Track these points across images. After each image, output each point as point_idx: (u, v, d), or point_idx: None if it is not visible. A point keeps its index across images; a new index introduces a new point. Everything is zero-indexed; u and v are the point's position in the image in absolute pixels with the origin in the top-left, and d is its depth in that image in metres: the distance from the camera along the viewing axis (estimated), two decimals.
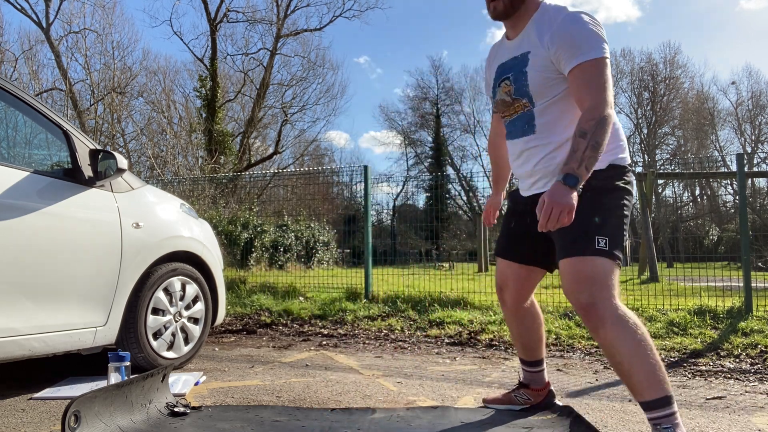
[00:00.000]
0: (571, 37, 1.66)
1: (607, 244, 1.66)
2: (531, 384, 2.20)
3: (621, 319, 1.61)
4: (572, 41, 1.66)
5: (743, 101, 33.02)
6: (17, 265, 2.25)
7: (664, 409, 1.57)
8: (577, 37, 1.65)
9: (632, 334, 1.60)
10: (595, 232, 1.67)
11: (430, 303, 5.16)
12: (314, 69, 26.03)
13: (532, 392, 2.19)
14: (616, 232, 1.70)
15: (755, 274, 5.67)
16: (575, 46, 1.65)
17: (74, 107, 17.54)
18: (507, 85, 1.84)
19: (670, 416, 1.57)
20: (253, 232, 9.76)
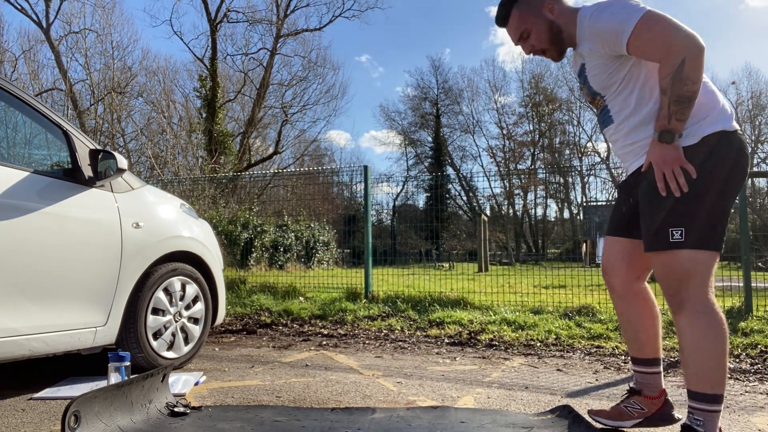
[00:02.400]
0: (606, 28, 1.70)
1: (683, 235, 1.61)
2: (644, 390, 1.92)
3: (697, 312, 1.62)
4: (609, 30, 1.69)
5: (743, 101, 33.03)
6: (17, 265, 2.25)
7: (706, 405, 1.61)
8: (610, 23, 1.69)
9: (703, 329, 1.61)
10: (670, 223, 1.64)
11: (430, 303, 5.16)
12: (314, 69, 26.08)
13: (645, 401, 1.91)
14: (695, 217, 1.62)
15: (755, 274, 5.66)
16: (613, 31, 1.68)
17: (74, 107, 17.54)
18: (584, 88, 1.94)
19: (707, 412, 1.61)
20: (253, 232, 9.77)
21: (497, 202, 35.80)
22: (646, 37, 1.63)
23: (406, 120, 40.18)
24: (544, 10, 1.86)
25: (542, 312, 4.75)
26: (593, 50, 1.77)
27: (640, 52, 1.68)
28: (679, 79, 1.57)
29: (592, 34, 1.75)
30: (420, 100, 39.92)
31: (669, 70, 1.59)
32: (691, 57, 1.56)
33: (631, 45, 1.66)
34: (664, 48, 1.60)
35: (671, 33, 1.59)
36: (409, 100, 40.89)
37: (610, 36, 1.69)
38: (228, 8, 22.75)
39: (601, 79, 1.81)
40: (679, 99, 1.58)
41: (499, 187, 34.33)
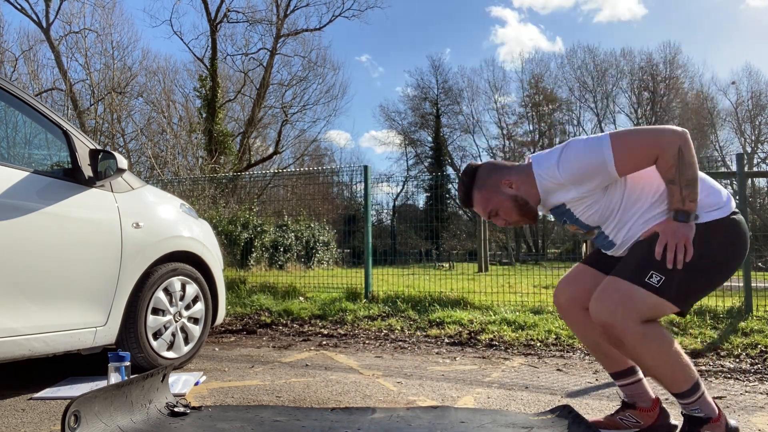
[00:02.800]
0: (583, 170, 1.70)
1: (661, 284, 1.63)
2: (638, 402, 1.92)
3: (640, 338, 1.64)
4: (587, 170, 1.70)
5: (743, 101, 33.03)
6: (17, 265, 2.25)
7: (692, 396, 1.69)
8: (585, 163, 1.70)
9: (653, 348, 1.65)
10: (656, 268, 1.65)
11: (430, 303, 5.16)
12: (314, 69, 26.08)
13: (640, 414, 1.91)
14: (678, 278, 1.64)
15: (755, 274, 5.66)
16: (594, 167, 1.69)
17: (74, 107, 17.54)
18: (573, 226, 1.90)
19: (697, 400, 1.69)
20: (253, 232, 9.76)
21: None
22: (630, 154, 1.66)
23: (406, 120, 40.17)
24: (503, 187, 1.85)
25: (542, 312, 4.75)
26: (582, 193, 1.75)
27: (630, 167, 1.69)
28: (683, 165, 1.63)
29: (573, 180, 1.73)
30: (420, 100, 39.92)
31: (671, 162, 1.63)
32: (683, 144, 1.63)
33: (620, 167, 1.67)
34: (655, 150, 1.64)
35: (650, 134, 1.67)
36: (409, 100, 40.88)
37: (595, 171, 1.69)
38: (228, 8, 22.78)
39: (597, 215, 1.80)
40: (688, 183, 1.63)
41: None
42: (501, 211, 1.88)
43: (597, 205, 1.78)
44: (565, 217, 1.87)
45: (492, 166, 1.92)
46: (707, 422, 1.68)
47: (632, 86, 35.30)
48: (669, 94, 34.29)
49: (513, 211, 1.87)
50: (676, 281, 1.64)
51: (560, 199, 1.81)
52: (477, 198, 1.90)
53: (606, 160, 1.66)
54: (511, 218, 1.88)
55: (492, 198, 1.87)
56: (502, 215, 1.89)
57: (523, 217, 1.88)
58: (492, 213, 1.89)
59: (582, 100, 36.32)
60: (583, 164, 1.70)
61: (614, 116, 36.06)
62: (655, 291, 1.64)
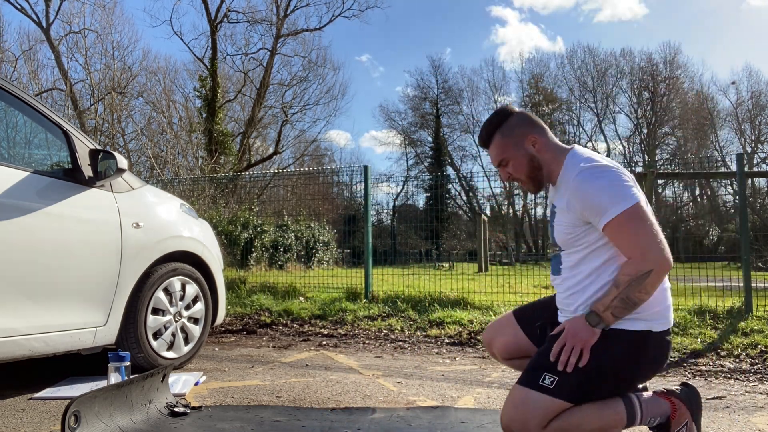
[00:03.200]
0: (590, 198, 1.63)
1: (554, 384, 1.58)
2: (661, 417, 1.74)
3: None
4: (592, 201, 1.63)
5: (743, 101, 33.04)
6: (17, 265, 2.25)
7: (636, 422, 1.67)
8: (596, 196, 1.62)
9: None
10: (548, 368, 1.61)
11: (430, 303, 5.16)
12: (314, 69, 26.08)
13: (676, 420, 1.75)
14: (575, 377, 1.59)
15: (755, 274, 5.67)
16: (597, 208, 1.61)
17: (74, 107, 17.54)
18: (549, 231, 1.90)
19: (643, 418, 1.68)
20: (253, 232, 9.76)
21: (497, 202, 35.80)
22: (627, 230, 1.59)
23: (406, 120, 40.18)
24: (527, 142, 1.78)
25: None
26: (570, 207, 1.70)
27: (613, 237, 1.63)
28: (637, 285, 1.57)
29: (575, 193, 1.67)
30: (420, 100, 39.92)
31: (633, 272, 1.57)
32: (657, 272, 1.57)
33: (609, 228, 1.61)
34: (640, 251, 1.58)
35: (652, 240, 1.57)
36: (409, 100, 40.87)
37: (591, 208, 1.63)
38: (228, 8, 22.77)
39: (563, 234, 1.75)
40: (626, 300, 1.57)
41: (499, 187, 34.24)
42: (512, 164, 1.80)
43: (573, 228, 1.72)
44: (550, 219, 1.85)
45: (527, 118, 1.81)
46: (668, 422, 1.69)
47: (632, 86, 35.30)
48: (669, 94, 34.27)
49: (524, 169, 1.79)
50: (569, 383, 1.60)
51: (561, 201, 1.77)
52: (497, 141, 1.81)
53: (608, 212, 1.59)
54: (518, 175, 1.81)
55: (509, 148, 1.79)
56: (511, 168, 1.81)
57: (530, 180, 1.81)
58: (503, 162, 1.81)
59: (582, 100, 36.33)
60: (594, 197, 1.62)
61: (614, 116, 36.10)
62: (548, 393, 1.59)
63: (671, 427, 1.69)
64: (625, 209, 1.58)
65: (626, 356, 1.63)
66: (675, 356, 3.43)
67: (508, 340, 1.93)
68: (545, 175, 1.81)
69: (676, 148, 34.28)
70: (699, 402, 1.77)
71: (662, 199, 29.36)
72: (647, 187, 9.71)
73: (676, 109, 34.14)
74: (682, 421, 1.70)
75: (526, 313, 2.00)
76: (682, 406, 1.72)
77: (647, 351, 1.66)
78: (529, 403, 1.60)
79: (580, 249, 1.73)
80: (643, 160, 33.35)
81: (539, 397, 1.60)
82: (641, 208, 1.59)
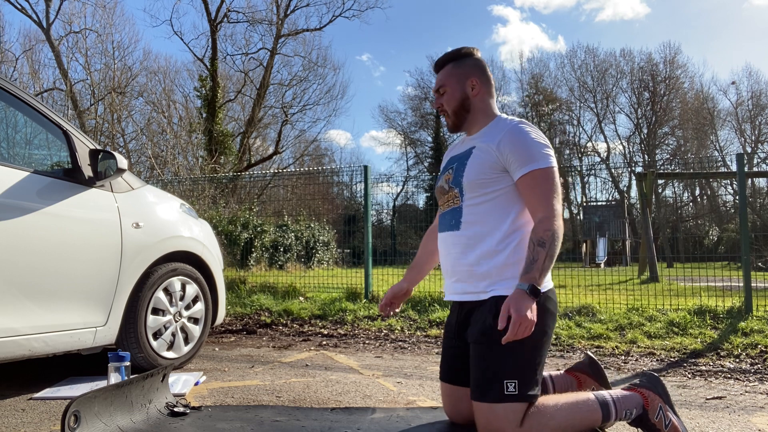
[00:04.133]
0: (522, 145, 1.74)
1: (517, 387, 1.63)
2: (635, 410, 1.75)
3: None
4: (522, 149, 1.73)
5: (743, 101, 33.03)
6: (17, 265, 2.25)
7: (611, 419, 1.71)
8: (527, 146, 1.73)
9: None
10: (505, 375, 1.64)
11: (430, 303, 5.16)
12: (315, 69, 26.07)
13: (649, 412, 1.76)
14: (527, 369, 1.65)
15: (755, 274, 5.67)
16: (526, 155, 1.72)
17: (74, 107, 17.54)
18: (449, 174, 1.90)
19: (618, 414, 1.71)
20: (253, 232, 9.76)
21: None
22: (543, 187, 1.69)
23: (406, 120, 40.19)
24: (468, 83, 1.89)
25: None
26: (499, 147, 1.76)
27: (526, 190, 1.72)
28: (557, 238, 1.64)
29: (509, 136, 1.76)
30: (420, 100, 39.89)
31: (552, 227, 1.64)
32: (561, 233, 1.66)
33: (526, 179, 1.71)
34: (554, 211, 1.66)
35: (558, 201, 1.68)
36: (409, 100, 40.83)
37: (519, 155, 1.73)
38: (228, 8, 22.76)
39: (475, 175, 1.79)
40: (552, 257, 1.63)
41: None
42: (447, 95, 1.91)
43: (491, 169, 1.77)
44: (458, 161, 1.87)
45: (480, 65, 1.94)
46: (644, 412, 1.73)
47: (632, 86, 35.28)
48: (669, 94, 34.27)
49: (454, 103, 1.90)
50: (528, 377, 1.64)
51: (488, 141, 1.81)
52: (446, 69, 1.93)
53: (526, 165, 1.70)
54: (448, 106, 1.91)
55: (453, 79, 1.90)
56: (444, 99, 1.92)
57: (454, 115, 1.91)
58: (441, 90, 1.92)
59: (582, 100, 36.29)
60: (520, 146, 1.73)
61: (614, 116, 36.06)
62: (516, 399, 1.62)
63: (649, 415, 1.72)
64: (546, 167, 1.71)
65: (551, 316, 1.74)
66: (675, 356, 3.43)
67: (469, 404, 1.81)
68: (469, 120, 1.91)
69: (676, 148, 34.28)
70: (662, 384, 1.81)
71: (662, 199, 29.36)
72: (647, 187, 9.73)
73: (676, 109, 34.13)
74: (656, 407, 1.73)
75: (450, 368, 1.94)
76: (650, 393, 1.76)
77: (554, 305, 1.77)
78: (500, 415, 1.63)
79: (487, 195, 1.78)
80: (643, 160, 33.35)
81: (508, 406, 1.62)
82: (556, 173, 1.73)
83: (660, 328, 4.07)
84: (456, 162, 1.89)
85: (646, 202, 9.93)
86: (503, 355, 1.65)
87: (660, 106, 34.06)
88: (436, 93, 1.95)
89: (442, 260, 1.95)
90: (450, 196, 1.87)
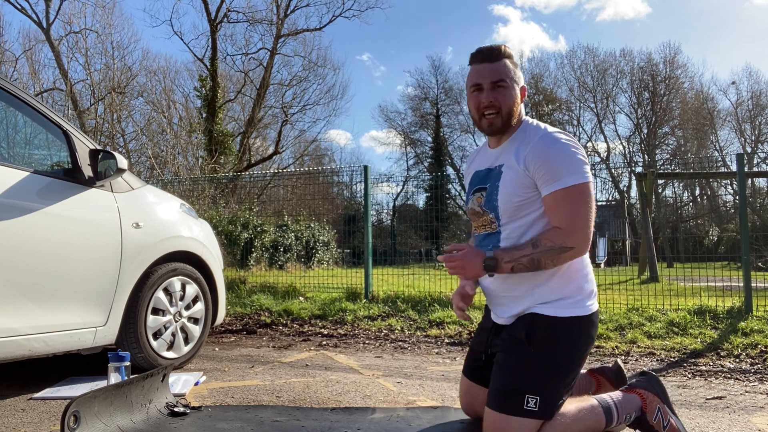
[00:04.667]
0: (549, 160, 1.62)
1: (538, 405, 1.58)
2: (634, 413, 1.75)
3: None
4: (550, 165, 1.61)
5: (743, 101, 33.06)
6: (17, 265, 2.25)
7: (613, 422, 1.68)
8: (556, 161, 1.61)
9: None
10: (527, 390, 1.59)
11: (430, 303, 5.16)
12: (315, 69, 26.08)
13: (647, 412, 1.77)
14: (553, 388, 1.61)
15: (755, 274, 5.67)
16: (553, 171, 1.61)
17: (74, 107, 17.54)
18: (480, 197, 1.80)
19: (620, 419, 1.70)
20: (253, 232, 9.76)
21: None
22: (570, 203, 1.59)
23: (406, 120, 40.20)
24: (518, 89, 1.76)
25: None
26: (527, 164, 1.65)
27: (552, 205, 1.62)
28: (554, 254, 1.58)
29: (536, 150, 1.64)
30: (420, 100, 39.94)
31: (558, 241, 1.58)
32: (576, 251, 1.59)
33: (554, 196, 1.60)
34: (572, 226, 1.59)
35: (585, 221, 1.59)
36: (409, 100, 40.91)
37: (547, 170, 1.61)
38: (228, 8, 22.77)
39: (512, 196, 1.68)
40: (535, 262, 1.58)
41: None
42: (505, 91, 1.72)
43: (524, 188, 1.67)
44: (489, 182, 1.76)
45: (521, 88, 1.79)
46: (642, 414, 1.72)
47: (632, 86, 35.30)
48: (669, 94, 34.28)
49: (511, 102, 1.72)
50: (551, 396, 1.60)
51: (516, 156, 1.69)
52: (506, 62, 1.73)
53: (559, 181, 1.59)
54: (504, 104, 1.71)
55: (513, 77, 1.73)
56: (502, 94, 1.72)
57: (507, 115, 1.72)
58: (501, 83, 1.71)
59: (582, 100, 36.31)
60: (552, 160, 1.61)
61: (614, 116, 36.12)
62: (533, 416, 1.58)
63: (647, 417, 1.71)
64: (578, 183, 1.60)
65: (586, 341, 1.70)
66: (675, 356, 3.43)
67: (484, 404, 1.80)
68: (504, 121, 1.75)
69: (676, 148, 34.29)
70: (661, 384, 1.79)
71: (662, 199, 29.35)
72: (647, 187, 9.72)
73: (676, 109, 34.15)
74: (654, 408, 1.72)
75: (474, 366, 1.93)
76: (649, 394, 1.74)
77: (594, 329, 1.74)
78: (512, 428, 1.59)
79: (526, 217, 1.68)
80: (643, 160, 33.35)
81: (524, 422, 1.58)
82: (590, 189, 1.62)
83: (660, 328, 4.07)
84: (487, 183, 1.77)
85: (646, 202, 9.93)
86: (531, 369, 1.62)
87: (660, 106, 34.08)
88: (490, 84, 1.72)
89: (482, 282, 1.87)
90: (485, 220, 1.78)
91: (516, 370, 1.64)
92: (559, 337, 1.65)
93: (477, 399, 1.88)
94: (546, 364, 1.62)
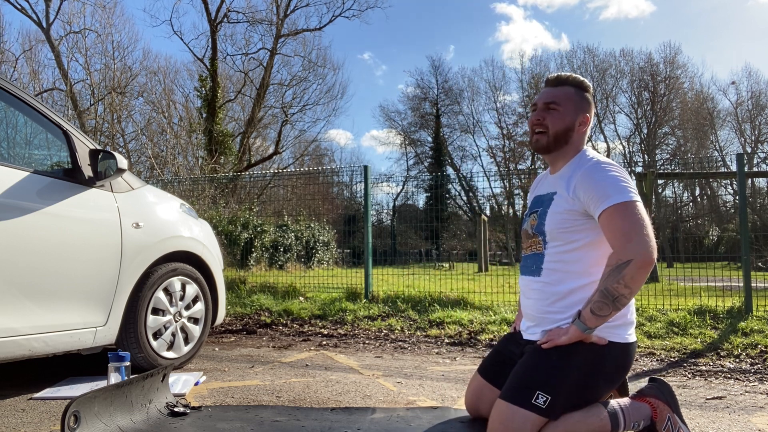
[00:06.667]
0: (596, 183, 1.66)
1: (547, 403, 1.59)
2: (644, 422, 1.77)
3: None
4: (597, 187, 1.66)
5: (743, 101, 33.03)
6: (17, 265, 2.25)
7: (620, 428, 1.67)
8: (602, 184, 1.65)
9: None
10: (541, 387, 1.60)
11: (430, 303, 5.16)
12: (315, 69, 26.08)
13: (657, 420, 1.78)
14: (568, 394, 1.61)
15: (755, 274, 5.67)
16: (601, 192, 1.64)
17: (74, 107, 17.54)
18: (534, 219, 1.85)
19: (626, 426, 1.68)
20: (253, 232, 9.76)
21: (497, 202, 35.77)
22: (620, 219, 1.60)
23: (406, 120, 40.18)
24: (580, 116, 1.81)
25: None
26: (575, 194, 1.70)
27: (606, 225, 1.64)
28: (616, 275, 1.56)
29: (583, 179, 1.69)
30: (420, 100, 39.91)
31: (613, 261, 1.58)
32: (637, 263, 1.55)
33: (605, 215, 1.62)
34: (624, 239, 1.58)
35: (639, 231, 1.57)
36: (409, 100, 40.83)
37: (595, 194, 1.65)
38: (228, 8, 22.76)
39: (556, 224, 1.74)
40: (605, 293, 1.57)
41: (499, 187, 34.27)
42: (557, 114, 1.79)
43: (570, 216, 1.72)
44: (542, 207, 1.82)
45: (594, 106, 1.87)
46: (652, 423, 1.71)
47: (632, 86, 35.28)
48: (669, 94, 34.27)
49: (559, 126, 1.79)
50: (561, 403, 1.60)
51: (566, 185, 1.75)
52: (566, 89, 1.82)
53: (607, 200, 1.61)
54: (552, 126, 1.79)
55: (569, 103, 1.81)
56: (552, 116, 1.80)
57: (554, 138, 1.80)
58: (552, 105, 1.80)
59: None
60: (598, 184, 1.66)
61: (614, 116, 36.06)
62: (539, 412, 1.59)
63: (657, 426, 1.71)
64: (625, 200, 1.61)
65: (613, 368, 1.68)
66: (675, 356, 3.43)
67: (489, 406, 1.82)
68: (561, 152, 1.83)
69: (676, 148, 34.27)
70: (671, 392, 1.79)
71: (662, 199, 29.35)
72: (647, 187, 9.71)
73: (676, 109, 34.13)
74: (664, 417, 1.72)
75: (492, 367, 1.95)
76: (659, 402, 1.74)
77: (627, 360, 1.71)
78: (517, 420, 1.60)
79: (572, 243, 1.72)
80: (643, 160, 33.34)
81: (529, 415, 1.60)
82: (640, 206, 1.62)
83: (660, 328, 4.07)
84: (541, 207, 1.83)
85: (646, 202, 9.93)
86: (552, 371, 1.63)
87: (660, 106, 34.06)
88: (542, 105, 1.82)
89: (522, 301, 1.91)
90: (534, 242, 1.84)
91: (537, 367, 1.66)
92: (588, 352, 1.65)
93: (484, 398, 1.89)
94: (568, 370, 1.62)
